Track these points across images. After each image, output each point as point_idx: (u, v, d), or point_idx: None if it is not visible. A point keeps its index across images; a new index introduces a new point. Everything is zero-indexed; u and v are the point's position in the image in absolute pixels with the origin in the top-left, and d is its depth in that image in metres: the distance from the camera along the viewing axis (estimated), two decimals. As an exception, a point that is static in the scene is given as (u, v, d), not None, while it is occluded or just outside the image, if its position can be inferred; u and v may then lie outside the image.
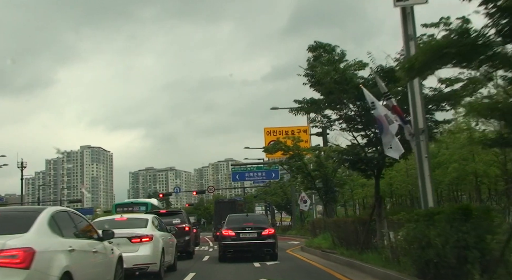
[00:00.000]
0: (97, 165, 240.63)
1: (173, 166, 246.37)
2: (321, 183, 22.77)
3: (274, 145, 22.21)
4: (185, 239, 16.09)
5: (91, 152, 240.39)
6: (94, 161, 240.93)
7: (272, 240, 16.01)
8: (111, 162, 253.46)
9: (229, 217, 17.29)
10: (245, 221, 16.93)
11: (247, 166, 43.70)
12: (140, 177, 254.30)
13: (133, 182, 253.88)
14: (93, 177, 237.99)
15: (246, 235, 15.96)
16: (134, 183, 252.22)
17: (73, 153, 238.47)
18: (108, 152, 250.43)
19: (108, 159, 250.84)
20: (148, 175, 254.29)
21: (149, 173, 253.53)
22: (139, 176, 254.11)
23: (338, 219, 15.25)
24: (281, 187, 46.18)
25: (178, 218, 16.36)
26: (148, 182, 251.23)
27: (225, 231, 16.15)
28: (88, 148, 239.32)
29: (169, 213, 17.08)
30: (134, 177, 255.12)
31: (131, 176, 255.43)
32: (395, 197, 41.12)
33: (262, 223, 16.77)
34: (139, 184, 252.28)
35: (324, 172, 22.10)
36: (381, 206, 11.27)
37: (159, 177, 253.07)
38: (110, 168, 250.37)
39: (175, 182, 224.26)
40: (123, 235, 9.55)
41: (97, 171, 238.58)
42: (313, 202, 37.24)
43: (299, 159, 22.21)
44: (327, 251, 14.98)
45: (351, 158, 11.29)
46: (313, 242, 17.84)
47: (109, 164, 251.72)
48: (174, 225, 16.25)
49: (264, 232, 16.02)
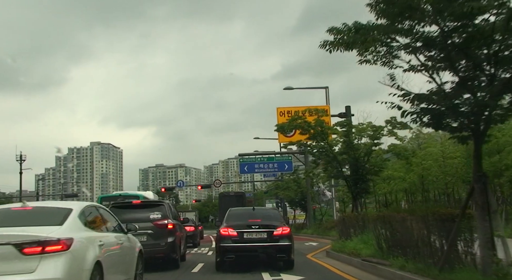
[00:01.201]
0: (106, 161, 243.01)
1: (182, 163, 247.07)
2: (350, 170, 17.94)
3: (290, 121, 17.38)
4: (167, 242, 11.42)
5: (100, 148, 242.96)
6: (104, 158, 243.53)
7: (287, 242, 11.33)
8: (121, 159, 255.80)
9: (230, 212, 12.57)
10: (250, 216, 12.23)
11: (256, 157, 38.80)
12: (150, 174, 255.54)
13: (143, 178, 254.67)
14: (102, 173, 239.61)
15: (252, 236, 11.32)
16: (144, 179, 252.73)
17: (82, 149, 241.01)
18: (118, 149, 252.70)
19: (118, 156, 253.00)
20: (158, 172, 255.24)
21: (159, 170, 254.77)
22: (149, 173, 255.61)
23: (389, 213, 10.37)
24: (295, 180, 41.20)
25: (158, 212, 11.64)
26: (158, 178, 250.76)
27: (224, 230, 11.49)
28: (98, 144, 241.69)
29: (144, 204, 12.32)
30: (144, 174, 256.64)
31: (141, 172, 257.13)
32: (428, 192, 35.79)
33: (274, 220, 12.06)
34: (149, 180, 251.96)
35: (354, 155, 17.23)
36: (487, 191, 6.28)
37: (169, 174, 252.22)
38: (120, 165, 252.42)
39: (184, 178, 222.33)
40: (7, 241, 4.96)
41: (106, 168, 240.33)
42: (333, 197, 32.37)
43: (323, 138, 17.37)
44: (372, 261, 10.14)
45: (436, 106, 6.31)
46: (346, 246, 12.98)
47: (119, 160, 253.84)
48: (151, 221, 11.57)
49: (276, 231, 11.35)
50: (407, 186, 34.82)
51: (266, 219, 12.00)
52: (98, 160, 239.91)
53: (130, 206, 11.92)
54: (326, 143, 17.30)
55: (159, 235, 11.43)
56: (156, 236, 11.39)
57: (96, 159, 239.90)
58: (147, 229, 11.37)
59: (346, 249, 12.81)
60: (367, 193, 17.90)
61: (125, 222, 11.34)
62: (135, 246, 8.21)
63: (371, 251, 11.19)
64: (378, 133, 16.65)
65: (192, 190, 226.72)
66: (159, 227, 11.50)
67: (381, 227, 10.61)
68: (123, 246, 7.30)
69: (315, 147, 17.62)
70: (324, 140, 17.48)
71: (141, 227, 11.14)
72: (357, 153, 17.31)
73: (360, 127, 17.30)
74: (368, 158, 17.47)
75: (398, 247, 9.81)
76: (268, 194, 61.32)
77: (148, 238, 11.34)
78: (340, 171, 17.95)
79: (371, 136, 16.83)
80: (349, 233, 13.72)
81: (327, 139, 17.38)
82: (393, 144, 17.49)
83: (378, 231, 10.85)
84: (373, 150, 17.37)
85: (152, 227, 11.43)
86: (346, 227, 14.09)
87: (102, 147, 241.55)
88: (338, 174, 18.20)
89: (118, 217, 11.68)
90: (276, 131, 18.12)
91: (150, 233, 11.36)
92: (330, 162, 18.16)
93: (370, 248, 11.38)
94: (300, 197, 42.14)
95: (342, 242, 13.95)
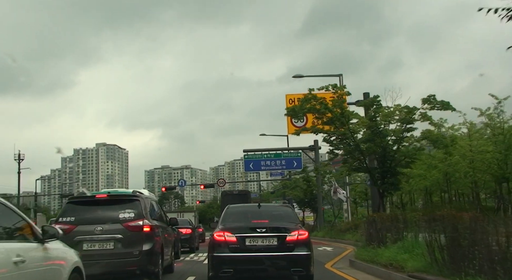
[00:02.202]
0: (112, 162, 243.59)
1: (188, 164, 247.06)
2: (376, 161, 14.90)
3: (303, 102, 14.32)
4: (141, 250, 8.38)
5: (106, 149, 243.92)
6: (109, 159, 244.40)
7: (305, 251, 8.32)
8: (127, 160, 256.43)
9: (228, 210, 9.50)
10: (255, 216, 9.19)
11: (262, 153, 35.68)
12: (155, 175, 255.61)
13: (148, 180, 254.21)
14: (108, 174, 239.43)
15: (257, 242, 8.30)
16: (150, 181, 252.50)
17: (88, 150, 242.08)
18: (124, 150, 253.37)
19: (124, 157, 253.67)
20: (164, 173, 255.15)
21: (165, 171, 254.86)
22: (155, 174, 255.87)
23: (451, 212, 7.29)
24: (305, 179, 38.06)
25: (131, 210, 8.59)
26: (163, 180, 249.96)
27: (219, 234, 8.46)
28: (104, 146, 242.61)
29: (112, 200, 9.14)
30: (149, 175, 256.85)
31: (147, 174, 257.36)
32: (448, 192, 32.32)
33: (286, 220, 9.01)
34: (155, 182, 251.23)
35: (381, 143, 14.17)
36: None
37: (174, 175, 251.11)
38: (125, 166, 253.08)
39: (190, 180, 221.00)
40: None
41: (112, 169, 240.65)
42: (348, 196, 29.26)
43: (343, 123, 14.31)
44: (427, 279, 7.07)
45: None
46: (379, 255, 9.90)
47: (125, 161, 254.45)
48: (121, 222, 8.55)
49: (290, 236, 8.33)
50: (428, 185, 31.46)
51: (276, 220, 8.97)
52: (104, 161, 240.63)
53: (92, 202, 8.90)
54: (347, 128, 14.21)
55: (131, 241, 8.44)
56: (127, 242, 8.41)
57: (102, 160, 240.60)
58: (115, 232, 8.39)
59: (381, 259, 9.74)
60: (396, 189, 14.80)
61: (86, 223, 8.42)
62: (63, 262, 5.15)
63: (420, 264, 8.11)
64: (412, 116, 13.57)
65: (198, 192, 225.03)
66: (131, 229, 8.50)
67: (436, 231, 7.53)
68: (24, 265, 4.25)
69: (334, 133, 14.53)
70: (344, 125, 14.39)
71: (106, 230, 8.18)
72: (385, 141, 14.23)
73: (387, 112, 14.24)
74: (399, 147, 14.39)
75: (465, 260, 6.75)
76: (275, 194, 58.17)
77: (116, 245, 8.37)
78: (364, 163, 14.88)
79: (403, 120, 13.74)
80: (383, 238, 10.61)
81: (347, 124, 14.30)
82: (427, 130, 14.35)
83: (432, 236, 7.77)
84: (405, 137, 14.28)
85: (122, 230, 8.44)
86: (378, 230, 10.98)
87: (108, 148, 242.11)
88: (360, 166, 15.12)
89: (74, 217, 8.79)
90: (286, 115, 15.09)
91: (119, 238, 8.38)
92: (351, 152, 15.11)
93: (419, 260, 8.31)
94: (309, 196, 39.04)
95: (372, 249, 10.85)
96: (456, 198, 34.43)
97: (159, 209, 10.85)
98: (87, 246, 8.30)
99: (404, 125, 13.77)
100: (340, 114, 13.95)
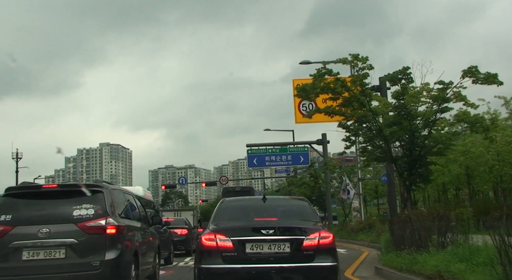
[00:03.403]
0: (115, 162, 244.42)
1: (192, 164, 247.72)
2: (402, 148, 12.57)
3: (317, 78, 11.99)
4: (103, 260, 6.08)
5: (110, 149, 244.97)
6: (113, 158, 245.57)
7: (330, 261, 6.04)
8: (130, 159, 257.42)
9: (222, 204, 7.16)
10: (259, 212, 6.85)
11: (267, 148, 33.31)
12: (159, 175, 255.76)
13: (152, 180, 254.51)
14: (111, 174, 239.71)
15: (261, 249, 5.95)
16: (154, 181, 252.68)
17: (92, 150, 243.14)
18: (127, 149, 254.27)
19: (127, 156, 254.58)
20: (168, 173, 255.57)
21: (169, 171, 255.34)
22: (159, 174, 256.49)
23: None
24: (312, 175, 35.71)
25: (90, 206, 6.25)
26: (167, 179, 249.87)
27: (209, 238, 6.10)
28: (107, 145, 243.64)
29: (64, 191, 6.74)
30: (153, 175, 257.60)
31: (151, 174, 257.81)
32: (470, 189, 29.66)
33: (302, 218, 6.67)
34: (159, 181, 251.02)
35: (410, 127, 11.82)
36: None
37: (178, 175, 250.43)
38: (129, 166, 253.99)
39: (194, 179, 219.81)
40: None
41: (115, 168, 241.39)
42: (361, 193, 26.90)
43: (362, 104, 11.98)
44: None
45: None
46: (420, 263, 7.56)
47: (128, 161, 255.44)
48: (75, 221, 6.25)
49: (308, 240, 6.00)
50: (447, 181, 28.94)
51: (287, 217, 6.67)
52: (108, 161, 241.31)
53: (38, 195, 6.58)
54: (368, 109, 11.86)
55: (89, 248, 6.15)
56: (84, 249, 6.12)
57: (106, 159, 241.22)
58: (67, 236, 6.11)
59: (423, 269, 7.41)
60: (426, 181, 12.43)
61: (27, 224, 6.16)
62: None
63: (489, 279, 5.78)
64: (448, 93, 11.22)
65: (202, 191, 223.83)
66: (90, 231, 6.20)
67: None
68: None
69: (352, 115, 12.18)
70: (364, 106, 12.05)
71: (55, 232, 5.94)
72: (414, 124, 11.88)
73: (413, 92, 11.90)
74: (430, 131, 12.03)
75: None
76: (280, 192, 55.83)
77: (69, 253, 6.09)
78: (388, 151, 12.53)
79: (436, 98, 11.38)
80: (424, 241, 8.24)
81: (369, 104, 11.96)
82: (463, 111, 11.98)
83: (507, 241, 5.45)
84: (437, 119, 11.92)
85: (77, 233, 6.15)
86: (414, 230, 8.62)
87: (111, 148, 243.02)
88: (383, 154, 12.77)
89: (11, 215, 6.51)
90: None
91: (73, 243, 6.09)
92: (372, 139, 12.76)
93: (485, 272, 5.98)
94: (317, 194, 36.70)
95: (407, 255, 8.50)
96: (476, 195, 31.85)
97: (137, 203, 8.53)
98: (28, 255, 6.05)
99: (438, 103, 11.39)
100: (360, 92, 11.60)
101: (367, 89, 11.99)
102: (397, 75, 10.78)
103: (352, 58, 11.24)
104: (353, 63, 11.44)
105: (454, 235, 7.85)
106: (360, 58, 11.11)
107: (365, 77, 11.24)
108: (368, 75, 11.13)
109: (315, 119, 22.24)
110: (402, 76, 10.83)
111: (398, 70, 10.87)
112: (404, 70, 10.75)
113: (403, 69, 10.75)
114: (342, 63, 11.51)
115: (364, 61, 11.11)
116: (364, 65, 11.30)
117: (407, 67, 10.64)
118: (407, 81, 10.99)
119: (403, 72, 10.76)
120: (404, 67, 10.70)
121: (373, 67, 11.42)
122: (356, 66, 11.42)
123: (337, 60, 11.38)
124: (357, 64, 11.36)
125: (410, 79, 10.92)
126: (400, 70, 10.78)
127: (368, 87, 12.00)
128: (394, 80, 10.98)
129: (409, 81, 10.94)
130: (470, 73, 10.23)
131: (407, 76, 10.83)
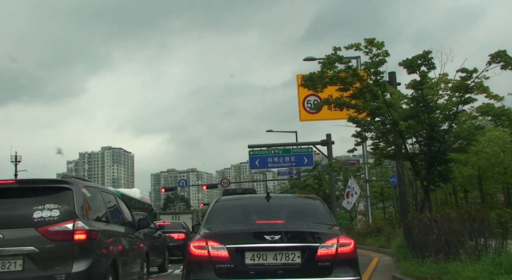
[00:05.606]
0: (117, 166, 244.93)
1: (194, 167, 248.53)
2: (419, 144, 11.38)
3: (326, 65, 10.82)
4: (70, 273, 4.92)
5: (112, 152, 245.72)
6: (115, 162, 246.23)
7: (351, 275, 4.76)
8: (132, 163, 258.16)
9: (217, 204, 5.99)
10: (261, 213, 5.64)
11: (270, 149, 32.12)
12: (161, 179, 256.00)
13: (154, 183, 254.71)
14: (113, 178, 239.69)
15: (265, 259, 4.75)
16: (156, 184, 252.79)
17: (94, 154, 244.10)
18: (129, 153, 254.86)
19: (129, 160, 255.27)
20: (170, 177, 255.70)
21: (171, 175, 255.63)
22: (161, 178, 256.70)
23: None
24: (316, 177, 34.52)
25: (55, 206, 5.09)
26: (169, 183, 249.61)
27: (199, 245, 4.89)
28: (109, 149, 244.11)
29: (25, 188, 5.57)
30: (155, 179, 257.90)
31: (153, 177, 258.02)
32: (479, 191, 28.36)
33: (315, 220, 5.48)
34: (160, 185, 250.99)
35: (428, 120, 10.63)
36: None
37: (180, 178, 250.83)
38: (131, 169, 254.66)
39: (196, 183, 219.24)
40: None
41: (117, 172, 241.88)
42: (368, 195, 25.65)
43: (375, 96, 10.80)
44: None
45: None
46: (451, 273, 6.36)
47: (130, 165, 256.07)
48: (35, 225, 5.08)
49: (324, 248, 4.78)
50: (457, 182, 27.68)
51: (297, 219, 5.47)
52: (109, 165, 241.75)
53: None
54: (382, 101, 10.68)
55: (53, 257, 4.98)
56: (46, 259, 4.95)
57: (107, 163, 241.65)
58: (25, 243, 4.94)
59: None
60: (446, 181, 11.21)
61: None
62: None
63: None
64: (472, 83, 10.03)
65: (204, 194, 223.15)
66: (53, 238, 5.03)
67: None
68: None
69: (365, 108, 11.00)
70: (377, 98, 10.87)
71: (11, 239, 4.76)
72: (433, 117, 10.69)
73: (430, 83, 10.73)
74: (451, 125, 10.84)
75: None
76: (284, 195, 54.62)
77: (28, 264, 4.92)
78: (403, 147, 11.35)
79: (459, 88, 10.19)
80: (455, 248, 7.00)
81: (382, 95, 10.78)
82: (487, 103, 10.79)
83: None
84: (459, 111, 10.74)
85: (38, 239, 4.98)
86: (440, 234, 7.41)
87: (113, 152, 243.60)
88: (398, 151, 11.57)
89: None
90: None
91: (33, 252, 4.92)
92: (385, 134, 11.57)
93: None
94: (322, 196, 35.49)
95: (434, 264, 7.28)
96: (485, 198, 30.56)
97: (119, 202, 7.32)
98: (-25, 267, 4.89)
99: (460, 95, 10.19)
100: (374, 82, 10.42)
101: (382, 79, 10.81)
102: (416, 61, 9.57)
103: (367, 43, 10.06)
104: (368, 48, 10.26)
105: (489, 240, 6.65)
106: (375, 43, 9.93)
107: (381, 64, 10.04)
108: (385, 62, 9.92)
109: (320, 117, 21.10)
110: (422, 62, 9.62)
111: (418, 54, 9.67)
112: (425, 54, 9.52)
113: (424, 53, 9.53)
114: (354, 48, 10.33)
115: (380, 46, 9.92)
116: (379, 51, 10.12)
117: (428, 51, 9.44)
118: (427, 67, 9.77)
119: (423, 57, 9.52)
120: (425, 51, 9.50)
121: (389, 54, 10.24)
122: (370, 53, 10.23)
123: (350, 45, 10.21)
124: (371, 50, 10.17)
125: (432, 65, 9.69)
126: (421, 55, 9.57)
127: (384, 76, 10.82)
128: (412, 66, 9.76)
129: (430, 67, 9.72)
130: (499, 57, 9.03)
131: (428, 62, 9.62)
